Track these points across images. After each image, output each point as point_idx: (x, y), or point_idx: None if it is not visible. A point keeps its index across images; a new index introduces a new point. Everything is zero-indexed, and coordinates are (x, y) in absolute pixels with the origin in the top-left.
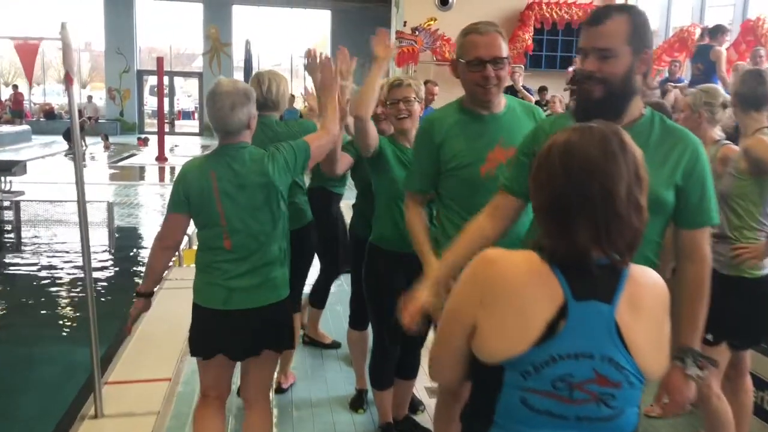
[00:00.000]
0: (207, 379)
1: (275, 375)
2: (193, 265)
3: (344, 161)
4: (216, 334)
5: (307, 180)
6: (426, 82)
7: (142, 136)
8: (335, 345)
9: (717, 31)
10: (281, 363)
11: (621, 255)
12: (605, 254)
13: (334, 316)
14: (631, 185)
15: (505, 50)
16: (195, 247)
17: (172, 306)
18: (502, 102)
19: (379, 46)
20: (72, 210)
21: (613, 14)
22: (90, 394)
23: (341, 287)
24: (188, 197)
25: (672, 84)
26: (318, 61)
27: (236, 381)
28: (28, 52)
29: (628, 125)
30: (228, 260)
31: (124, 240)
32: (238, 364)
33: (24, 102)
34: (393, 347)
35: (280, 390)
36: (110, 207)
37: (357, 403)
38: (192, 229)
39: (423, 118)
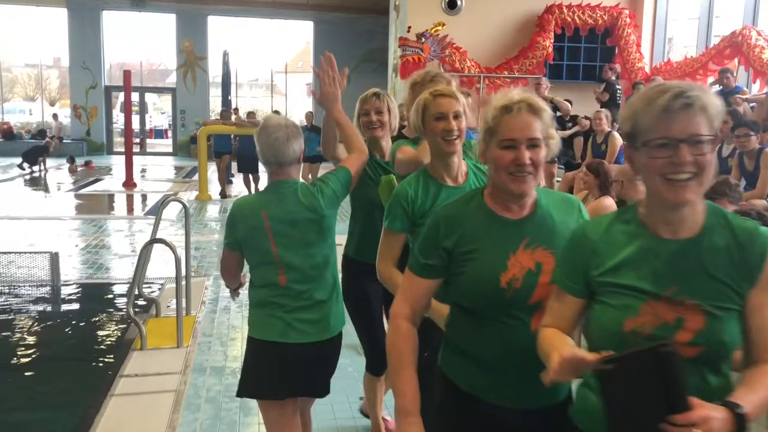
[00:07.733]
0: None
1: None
2: (159, 348)
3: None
4: (269, 368)
5: None
6: None
7: (84, 160)
8: None
9: None
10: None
11: None
12: None
13: None
14: None
15: None
16: (162, 316)
17: (129, 420)
18: None
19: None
20: (8, 260)
21: None
22: None
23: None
24: (238, 238)
25: (740, 97)
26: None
27: None
28: None
29: None
30: (284, 295)
31: (75, 302)
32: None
33: None
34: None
35: None
36: (54, 259)
37: None
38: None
39: None
